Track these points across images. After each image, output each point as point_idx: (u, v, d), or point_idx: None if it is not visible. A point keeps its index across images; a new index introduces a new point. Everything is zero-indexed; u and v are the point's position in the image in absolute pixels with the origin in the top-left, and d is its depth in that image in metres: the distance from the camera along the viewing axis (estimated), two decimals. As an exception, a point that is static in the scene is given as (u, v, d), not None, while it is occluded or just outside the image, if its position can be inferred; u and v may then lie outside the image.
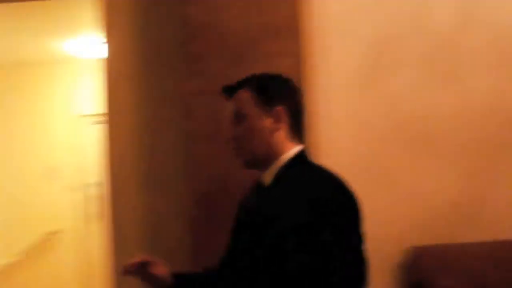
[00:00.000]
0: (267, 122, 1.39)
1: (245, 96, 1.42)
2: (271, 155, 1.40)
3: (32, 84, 5.63)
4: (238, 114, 1.43)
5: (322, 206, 1.23)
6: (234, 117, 1.44)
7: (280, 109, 1.39)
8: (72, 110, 5.68)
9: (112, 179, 2.59)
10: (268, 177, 1.41)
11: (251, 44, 2.22)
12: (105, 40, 2.69)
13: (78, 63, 5.52)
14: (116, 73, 2.64)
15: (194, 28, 2.26)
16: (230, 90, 1.48)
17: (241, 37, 2.23)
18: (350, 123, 2.33)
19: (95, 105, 5.48)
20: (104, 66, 2.67)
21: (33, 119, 5.64)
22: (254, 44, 2.22)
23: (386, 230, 2.24)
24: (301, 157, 1.41)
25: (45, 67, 5.56)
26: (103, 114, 2.72)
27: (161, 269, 1.51)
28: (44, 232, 5.40)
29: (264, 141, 1.39)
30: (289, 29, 2.23)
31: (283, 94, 1.43)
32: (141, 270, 1.48)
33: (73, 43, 4.90)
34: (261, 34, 2.22)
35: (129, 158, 2.56)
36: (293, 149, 1.41)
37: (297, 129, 1.44)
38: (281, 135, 1.40)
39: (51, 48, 5.03)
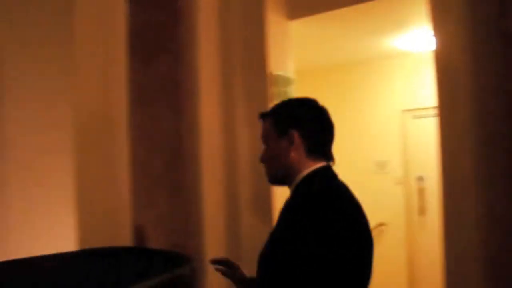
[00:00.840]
0: (283, 144, 1.58)
1: (268, 124, 1.65)
2: (291, 174, 1.58)
3: (360, 80, 6.01)
4: (264, 139, 1.67)
5: (318, 225, 1.39)
6: (263, 141, 1.69)
7: (292, 132, 1.57)
8: (396, 105, 5.80)
9: (444, 173, 2.54)
10: (290, 192, 1.60)
11: None
12: (433, 33, 2.68)
13: (408, 57, 5.61)
14: (445, 66, 2.60)
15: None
16: (263, 117, 1.70)
17: None
18: None
19: (416, 99, 5.51)
20: (433, 59, 2.66)
21: (364, 114, 6.00)
22: None
23: None
24: (317, 173, 1.55)
25: (374, 64, 5.85)
26: (433, 108, 2.70)
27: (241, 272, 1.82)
28: (374, 223, 5.67)
29: (282, 161, 1.59)
30: None
31: (296, 118, 1.60)
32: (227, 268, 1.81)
33: (403, 38, 5.00)
34: None
35: (461, 152, 2.47)
36: (312, 167, 1.56)
37: (317, 148, 1.58)
38: (298, 155, 1.56)
39: (382, 45, 5.24)
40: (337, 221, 1.43)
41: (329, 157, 1.61)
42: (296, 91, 3.64)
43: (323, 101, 1.70)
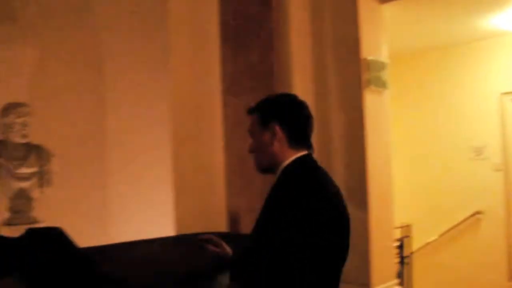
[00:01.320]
0: (266, 136, 1.72)
1: (253, 118, 1.78)
2: (275, 163, 1.72)
3: (457, 63, 5.75)
4: (250, 132, 1.79)
5: (296, 209, 1.53)
6: (250, 134, 1.80)
7: (274, 125, 1.70)
8: (494, 87, 5.51)
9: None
10: (275, 180, 1.72)
11: None
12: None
13: (508, 37, 5.30)
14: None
15: None
16: (249, 113, 1.81)
17: None
18: None
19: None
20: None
21: (461, 97, 5.75)
22: None
23: None
24: (297, 162, 1.69)
25: (471, 45, 5.58)
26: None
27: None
28: (470, 211, 5.47)
29: (266, 152, 1.73)
30: None
31: (277, 112, 1.72)
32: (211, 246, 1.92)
33: (501, 17, 4.73)
34: None
35: None
36: (293, 156, 1.70)
37: (297, 138, 1.72)
38: (281, 145, 1.70)
39: (479, 25, 4.99)
40: (319, 208, 1.58)
41: (309, 146, 1.76)
42: (390, 76, 3.56)
43: (419, 85, 1.66)
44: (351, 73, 3.32)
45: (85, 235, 2.13)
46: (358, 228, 3.20)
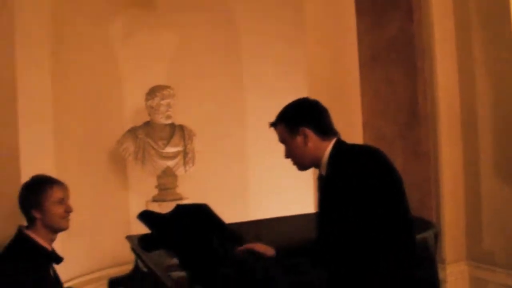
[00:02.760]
0: (299, 139, 1.88)
1: (280, 129, 1.93)
2: (316, 158, 1.89)
3: None
4: (282, 141, 1.94)
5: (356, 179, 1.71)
6: (282, 143, 1.94)
7: (302, 128, 1.87)
8: None
9: None
10: (323, 170, 1.89)
11: None
12: None
13: None
14: None
15: None
16: (273, 125, 1.96)
17: None
18: None
19: None
20: None
21: None
22: None
23: None
24: (336, 149, 1.87)
25: None
26: None
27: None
28: None
29: (304, 153, 1.89)
30: None
31: (301, 117, 1.89)
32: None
33: None
34: None
35: None
36: (329, 147, 1.88)
37: (324, 131, 1.88)
38: (314, 143, 1.87)
39: None
40: (378, 177, 1.72)
41: (336, 132, 1.91)
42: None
43: None
44: (499, 43, 2.99)
45: (227, 212, 2.19)
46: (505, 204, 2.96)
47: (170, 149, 3.57)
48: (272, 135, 4.45)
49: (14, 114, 2.84)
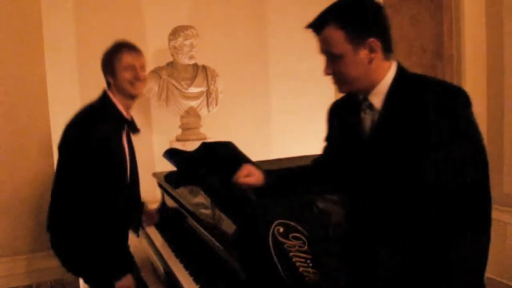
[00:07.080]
0: (363, 54, 1.38)
1: (335, 36, 1.38)
2: (373, 81, 1.42)
3: None
4: (332, 55, 1.41)
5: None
6: (328, 57, 1.43)
7: (372, 40, 1.37)
8: None
9: None
10: (375, 99, 1.43)
11: None
12: None
13: None
14: None
15: None
16: (316, 27, 1.43)
17: None
18: None
19: None
20: None
21: None
22: None
23: None
24: (400, 73, 1.42)
25: None
26: None
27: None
28: None
29: (363, 72, 1.40)
30: None
31: (370, 23, 1.38)
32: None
33: None
34: None
35: None
36: (391, 69, 1.42)
37: (389, 47, 1.41)
38: (377, 61, 1.40)
39: None
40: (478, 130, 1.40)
41: (392, 50, 1.43)
42: None
43: None
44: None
45: (250, 152, 2.20)
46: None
47: (193, 89, 3.59)
48: (297, 75, 4.48)
49: (40, 55, 2.90)
